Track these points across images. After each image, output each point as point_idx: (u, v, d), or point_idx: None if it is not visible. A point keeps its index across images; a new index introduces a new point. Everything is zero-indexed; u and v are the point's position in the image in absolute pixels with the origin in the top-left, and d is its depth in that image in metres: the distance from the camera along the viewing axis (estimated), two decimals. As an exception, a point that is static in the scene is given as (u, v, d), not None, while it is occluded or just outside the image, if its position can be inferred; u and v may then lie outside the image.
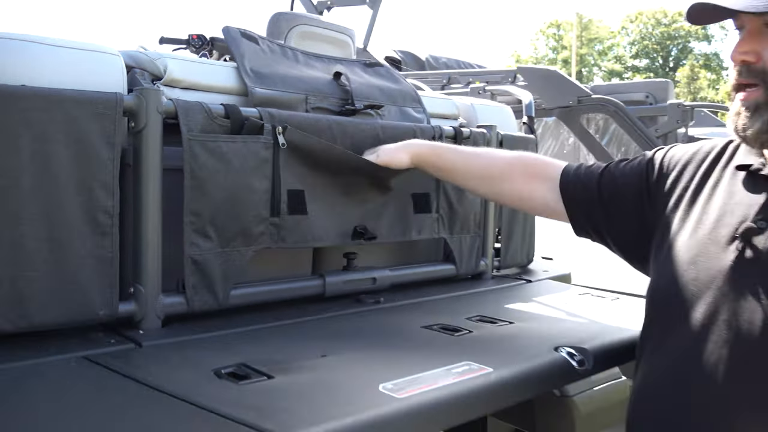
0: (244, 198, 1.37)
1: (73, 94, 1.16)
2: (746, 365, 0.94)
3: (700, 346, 0.98)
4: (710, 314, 0.98)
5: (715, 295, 0.98)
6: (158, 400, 0.90)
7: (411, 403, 0.90)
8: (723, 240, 1.00)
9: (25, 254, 1.12)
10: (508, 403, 1.12)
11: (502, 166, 1.39)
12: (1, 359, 1.05)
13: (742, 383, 0.94)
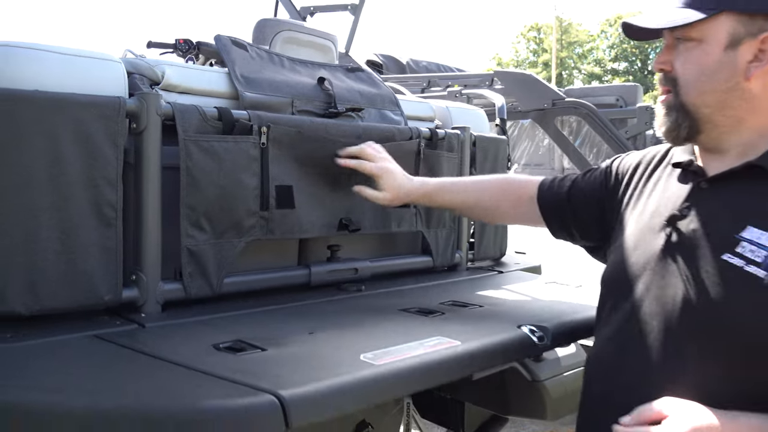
0: (235, 193, 1.49)
1: (81, 99, 1.28)
2: (670, 334, 1.06)
3: (635, 319, 1.11)
4: (644, 291, 1.11)
5: (649, 275, 1.11)
6: (167, 367, 1.03)
7: (387, 368, 1.04)
8: (657, 227, 1.13)
9: (38, 244, 1.23)
10: (473, 371, 1.26)
11: (490, 198, 1.57)
12: (23, 337, 1.16)
13: (666, 349, 1.06)
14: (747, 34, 1.03)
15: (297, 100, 1.72)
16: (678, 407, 0.97)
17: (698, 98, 1.08)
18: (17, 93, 1.22)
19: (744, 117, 1.07)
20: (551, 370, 1.96)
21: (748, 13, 1.03)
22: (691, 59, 1.08)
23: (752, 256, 0.99)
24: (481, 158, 2.15)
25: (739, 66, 1.04)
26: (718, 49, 1.05)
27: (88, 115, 1.28)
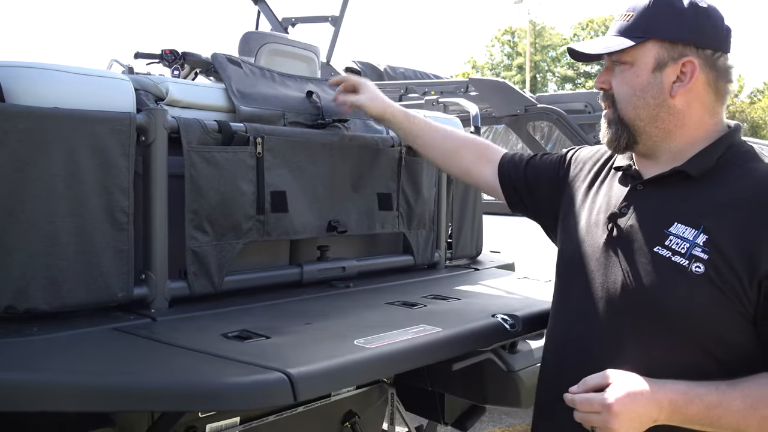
0: (234, 199, 1.63)
1: (96, 115, 1.41)
2: (611, 314, 1.23)
3: (583, 301, 1.28)
4: (591, 279, 1.28)
5: (595, 265, 1.28)
6: (185, 353, 1.17)
7: (379, 351, 1.19)
8: (601, 223, 1.30)
9: (58, 247, 1.36)
10: (454, 354, 1.41)
11: (457, 143, 1.72)
12: (48, 331, 1.29)
13: (607, 327, 1.23)
14: (670, 58, 1.21)
15: (288, 112, 1.87)
16: (617, 376, 1.13)
17: (632, 112, 1.25)
18: (39, 110, 1.35)
19: (672, 129, 1.24)
20: (525, 361, 2.13)
21: (671, 40, 1.21)
22: (625, 80, 1.25)
23: (678, 248, 1.16)
24: (457, 164, 2.31)
25: (664, 86, 1.22)
26: (646, 71, 1.23)
27: (103, 130, 1.41)
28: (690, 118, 1.23)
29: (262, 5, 3.99)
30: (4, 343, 1.22)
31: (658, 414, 1.11)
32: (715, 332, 1.15)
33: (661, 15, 1.21)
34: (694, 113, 1.23)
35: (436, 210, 2.23)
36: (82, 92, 1.46)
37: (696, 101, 1.23)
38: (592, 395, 1.12)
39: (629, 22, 1.24)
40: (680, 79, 1.21)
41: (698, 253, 1.14)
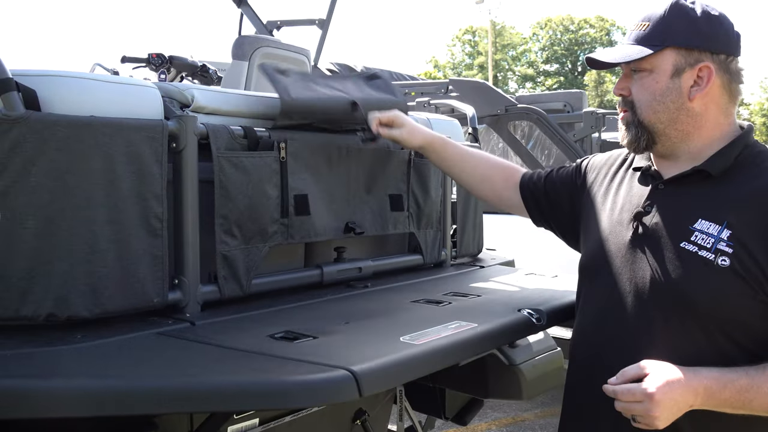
0: (261, 203, 1.66)
1: (131, 122, 1.43)
2: (641, 308, 1.30)
3: (612, 296, 1.35)
4: (618, 275, 1.34)
5: (621, 261, 1.35)
6: (240, 355, 1.20)
7: (427, 347, 1.24)
8: (625, 222, 1.37)
9: (98, 254, 1.38)
10: (491, 348, 1.48)
11: (487, 169, 1.79)
12: (93, 338, 1.30)
13: (638, 321, 1.30)
14: (687, 64, 1.29)
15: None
16: (654, 366, 1.20)
17: (653, 116, 1.33)
18: (77, 119, 1.36)
19: (690, 131, 1.32)
20: (526, 355, 2.21)
21: (687, 47, 1.28)
22: (644, 86, 1.33)
23: (703, 243, 1.24)
24: (460, 164, 2.37)
25: (683, 90, 1.29)
26: (665, 77, 1.30)
27: (138, 137, 1.43)
28: (707, 119, 1.31)
29: (246, 8, 3.99)
30: (56, 351, 1.23)
31: (693, 399, 1.17)
32: (741, 321, 1.23)
33: (677, 24, 1.29)
34: (711, 115, 1.31)
35: (441, 209, 2.29)
36: (113, 100, 1.47)
37: (712, 103, 1.31)
38: (633, 385, 1.18)
39: (646, 32, 1.31)
40: (697, 83, 1.29)
41: (723, 248, 1.22)
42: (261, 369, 1.11)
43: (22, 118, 1.31)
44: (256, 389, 1.03)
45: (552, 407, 4.97)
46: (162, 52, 3.56)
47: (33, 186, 1.32)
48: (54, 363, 1.17)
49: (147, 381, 1.06)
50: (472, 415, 2.77)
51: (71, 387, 1.05)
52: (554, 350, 2.36)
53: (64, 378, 1.09)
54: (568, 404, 1.46)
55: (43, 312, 1.32)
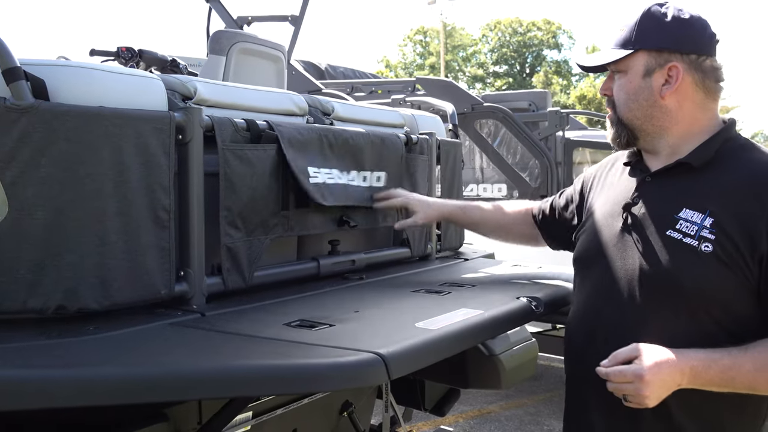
0: (263, 195, 1.68)
1: (139, 114, 1.42)
2: (631, 293, 1.37)
3: (605, 283, 1.42)
4: (609, 263, 1.42)
5: (613, 250, 1.42)
6: (263, 342, 1.21)
7: (444, 331, 1.29)
8: (616, 213, 1.45)
9: (107, 246, 1.37)
10: (497, 334, 1.53)
11: (508, 221, 1.95)
12: (106, 329, 1.29)
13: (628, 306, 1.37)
14: (657, 65, 1.38)
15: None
16: (644, 349, 1.25)
17: (629, 113, 1.42)
18: (87, 109, 1.34)
19: (667, 126, 1.40)
20: (504, 345, 2.27)
21: (657, 49, 1.38)
22: (621, 86, 1.43)
23: (687, 231, 1.31)
24: (443, 159, 2.43)
25: (654, 89, 1.38)
26: (637, 77, 1.40)
27: (146, 128, 1.43)
28: (683, 115, 1.39)
29: (215, 3, 3.95)
30: (74, 343, 1.22)
31: (681, 379, 1.24)
32: (724, 305, 1.31)
33: (648, 28, 1.39)
34: (686, 111, 1.39)
35: (427, 204, 2.34)
36: (120, 91, 1.46)
37: (686, 100, 1.39)
38: (624, 367, 1.24)
39: (623, 36, 1.42)
40: (668, 81, 1.37)
41: (706, 234, 1.29)
42: (291, 354, 1.13)
43: (32, 107, 1.29)
44: (288, 373, 1.05)
45: (517, 399, 5.10)
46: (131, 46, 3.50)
47: (42, 177, 1.30)
48: (76, 353, 1.16)
49: (183, 367, 1.06)
50: (450, 406, 2.83)
51: (101, 376, 1.05)
52: (530, 341, 2.44)
53: (92, 367, 1.08)
54: (569, 387, 1.54)
55: (52, 304, 1.31)
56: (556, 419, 4.69)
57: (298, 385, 1.07)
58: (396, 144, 2.11)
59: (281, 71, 3.31)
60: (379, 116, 2.30)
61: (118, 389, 1.04)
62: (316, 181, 1.78)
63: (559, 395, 5.16)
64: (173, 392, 1.04)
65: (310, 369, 1.06)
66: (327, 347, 1.16)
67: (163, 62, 3.56)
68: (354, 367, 1.08)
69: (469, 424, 4.61)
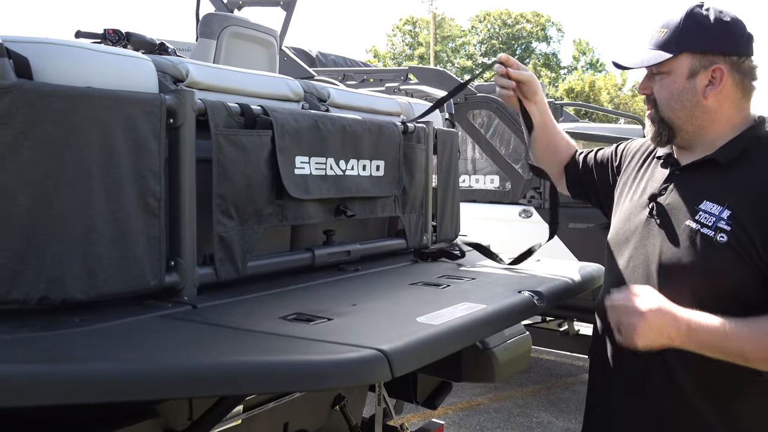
0: (257, 183, 1.61)
1: (129, 95, 1.35)
2: (652, 275, 1.45)
3: (630, 266, 1.51)
4: (635, 248, 1.50)
5: (638, 237, 1.50)
6: (259, 336, 1.16)
7: (446, 326, 1.24)
8: (644, 203, 1.52)
9: (94, 234, 1.30)
10: (501, 329, 1.48)
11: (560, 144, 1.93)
12: (92, 321, 1.23)
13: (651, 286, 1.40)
14: (701, 66, 1.42)
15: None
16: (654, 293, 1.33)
17: (671, 113, 1.46)
18: (73, 90, 1.27)
19: (705, 125, 1.45)
20: (498, 338, 2.24)
21: (701, 52, 1.41)
22: (664, 86, 1.46)
23: (705, 222, 1.38)
24: (441, 149, 2.38)
25: (698, 89, 1.42)
26: (682, 78, 1.43)
27: (136, 111, 1.36)
28: (721, 114, 1.44)
29: (205, -15, 3.85)
30: (59, 336, 1.15)
31: (676, 334, 1.30)
32: (735, 291, 1.35)
33: (691, 30, 1.42)
34: (725, 110, 1.44)
35: (423, 194, 2.29)
36: (108, 72, 1.40)
37: (726, 100, 1.43)
38: (630, 300, 1.32)
39: (664, 38, 1.45)
40: (711, 83, 1.42)
41: (722, 226, 1.35)
42: (288, 350, 1.08)
43: (14, 86, 1.22)
44: (288, 370, 1.00)
45: (506, 391, 5.09)
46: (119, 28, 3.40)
47: (25, 160, 1.23)
48: (61, 347, 1.09)
49: (176, 364, 1.00)
50: (441, 399, 2.80)
51: (89, 372, 0.99)
52: (524, 334, 2.40)
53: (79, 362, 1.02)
54: (595, 360, 1.61)
55: (35, 295, 1.24)
56: (545, 411, 4.69)
57: (297, 383, 1.01)
58: (394, 132, 2.06)
59: (273, 57, 3.23)
60: (375, 103, 2.24)
61: (108, 387, 0.98)
62: (302, 172, 1.72)
63: (548, 387, 5.20)
64: (165, 390, 0.98)
65: (311, 366, 1.01)
66: (327, 343, 1.11)
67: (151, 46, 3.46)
68: (356, 364, 1.03)
69: (458, 416, 4.59)
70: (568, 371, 5.62)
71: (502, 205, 4.71)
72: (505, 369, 2.29)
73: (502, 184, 4.81)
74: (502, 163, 4.72)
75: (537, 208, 4.57)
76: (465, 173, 4.81)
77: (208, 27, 2.94)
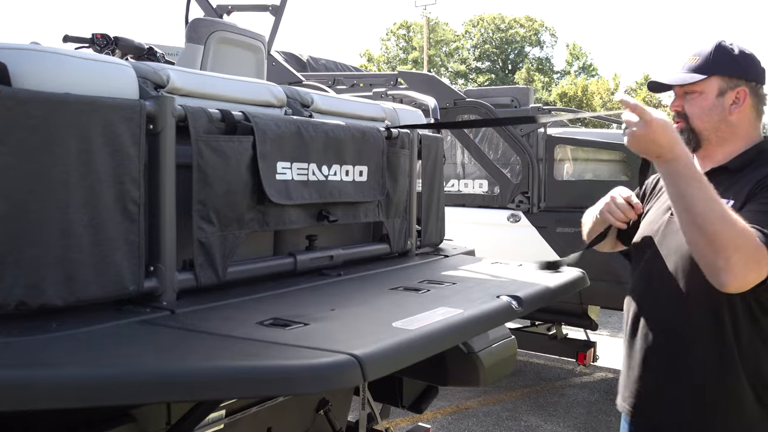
0: (238, 188, 1.62)
1: (108, 101, 1.36)
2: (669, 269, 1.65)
3: (651, 263, 1.71)
4: (656, 248, 1.71)
5: (658, 239, 1.71)
6: (235, 342, 1.16)
7: (422, 331, 1.25)
8: (666, 208, 1.72)
9: (72, 239, 1.31)
10: (477, 334, 1.49)
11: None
12: (71, 326, 1.23)
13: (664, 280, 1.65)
14: (728, 88, 1.67)
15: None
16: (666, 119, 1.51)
17: (701, 125, 1.69)
18: (51, 96, 1.28)
19: (727, 137, 1.69)
20: (483, 342, 2.25)
21: (729, 75, 1.67)
22: (696, 103, 1.69)
23: None
24: (425, 154, 2.39)
25: (725, 107, 1.67)
26: (712, 96, 1.68)
27: (115, 117, 1.37)
28: (740, 129, 1.69)
29: (193, -10, 3.85)
30: (35, 341, 1.16)
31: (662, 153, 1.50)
32: None
33: (721, 58, 1.68)
34: (743, 126, 1.69)
35: (407, 199, 2.30)
36: (88, 78, 1.41)
37: (745, 118, 1.69)
38: (643, 105, 1.50)
39: (697, 64, 1.70)
40: (735, 102, 1.67)
41: None
42: (263, 355, 1.09)
43: (-8, 93, 1.22)
44: (263, 375, 1.01)
45: (494, 395, 5.10)
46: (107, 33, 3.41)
47: (2, 166, 1.23)
48: (38, 352, 1.10)
49: (150, 369, 1.01)
50: (427, 403, 2.80)
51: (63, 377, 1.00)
52: (509, 338, 2.42)
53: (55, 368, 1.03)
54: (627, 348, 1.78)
55: (12, 300, 1.24)
56: (534, 415, 4.70)
57: (270, 387, 1.02)
58: (377, 138, 2.07)
59: (261, 62, 3.23)
60: (359, 109, 2.25)
61: (81, 392, 0.98)
62: (284, 178, 1.73)
63: (537, 391, 5.22)
64: (139, 395, 0.99)
65: (282, 371, 1.02)
66: (300, 348, 1.12)
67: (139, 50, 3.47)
68: (328, 368, 1.03)
69: (447, 420, 4.60)
70: (557, 375, 5.64)
71: (490, 210, 4.72)
72: (490, 373, 2.30)
73: (491, 189, 4.82)
74: (490, 167, 4.74)
75: (525, 213, 4.60)
76: (454, 178, 4.83)
77: (195, 32, 2.95)
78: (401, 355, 1.16)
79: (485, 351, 2.26)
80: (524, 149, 4.54)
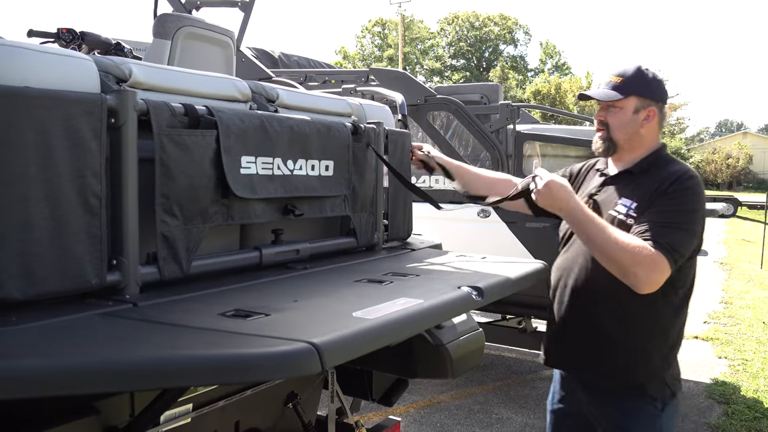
0: (202, 182, 1.63)
1: (69, 95, 1.36)
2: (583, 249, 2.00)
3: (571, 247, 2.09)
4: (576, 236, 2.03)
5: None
6: (195, 332, 1.18)
7: (381, 320, 1.27)
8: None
9: (32, 233, 1.31)
10: (436, 323, 1.52)
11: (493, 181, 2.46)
12: (30, 319, 1.23)
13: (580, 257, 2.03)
14: (642, 107, 2.04)
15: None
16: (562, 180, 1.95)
17: (618, 135, 2.07)
18: (10, 89, 1.28)
19: (636, 147, 2.07)
20: (451, 335, 2.28)
21: (643, 96, 2.03)
22: (616, 117, 2.07)
23: (621, 211, 1.99)
24: (392, 149, 2.42)
25: (639, 122, 2.05)
26: (629, 113, 2.05)
27: (76, 111, 1.37)
28: (647, 140, 2.07)
29: (162, -15, 3.83)
30: None
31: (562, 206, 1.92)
32: None
33: (638, 81, 2.05)
34: (649, 138, 2.07)
35: (374, 193, 2.32)
36: (48, 72, 1.40)
37: (652, 132, 2.08)
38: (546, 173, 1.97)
39: (620, 83, 2.05)
40: (647, 118, 2.05)
41: (631, 213, 1.97)
42: (221, 344, 1.10)
43: (-52, 86, 1.22)
44: (222, 363, 1.02)
45: (466, 389, 5.16)
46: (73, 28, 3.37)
47: (-41, 159, 1.23)
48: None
49: (106, 358, 1.02)
50: (397, 396, 2.83)
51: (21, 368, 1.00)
52: (477, 330, 2.45)
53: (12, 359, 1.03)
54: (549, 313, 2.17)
55: None
56: (505, 408, 4.77)
57: (228, 375, 1.04)
58: (342, 132, 2.09)
59: (230, 58, 3.23)
60: (325, 104, 2.27)
61: (40, 382, 0.99)
62: (249, 172, 1.75)
63: (507, 384, 5.29)
64: (95, 385, 1.00)
65: (242, 359, 1.04)
66: (260, 337, 1.14)
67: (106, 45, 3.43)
68: (286, 356, 1.05)
69: (419, 414, 4.64)
70: (528, 368, 5.72)
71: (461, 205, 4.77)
72: (459, 365, 2.33)
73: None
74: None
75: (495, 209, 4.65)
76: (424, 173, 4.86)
77: (162, 27, 2.93)
78: (359, 343, 1.18)
79: (453, 343, 2.29)
80: (494, 145, 4.59)
